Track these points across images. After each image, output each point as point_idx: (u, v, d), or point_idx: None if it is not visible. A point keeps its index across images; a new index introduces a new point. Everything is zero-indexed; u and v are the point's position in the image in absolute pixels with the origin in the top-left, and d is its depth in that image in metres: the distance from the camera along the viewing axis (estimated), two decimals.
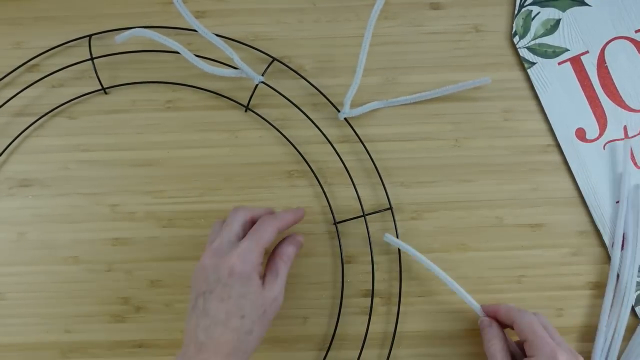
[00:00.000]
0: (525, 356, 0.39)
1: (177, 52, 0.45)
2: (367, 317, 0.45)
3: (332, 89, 0.48)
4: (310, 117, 0.47)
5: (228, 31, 0.48)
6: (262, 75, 0.47)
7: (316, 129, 0.47)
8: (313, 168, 0.47)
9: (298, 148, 0.47)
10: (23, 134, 0.47)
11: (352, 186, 0.46)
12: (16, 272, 0.46)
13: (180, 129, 0.48)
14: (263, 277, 0.38)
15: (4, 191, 0.47)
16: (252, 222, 0.40)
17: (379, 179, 0.47)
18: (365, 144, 0.47)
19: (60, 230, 0.47)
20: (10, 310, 0.46)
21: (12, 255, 0.47)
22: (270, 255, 0.41)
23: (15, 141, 0.47)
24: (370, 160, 0.47)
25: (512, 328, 0.41)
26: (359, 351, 0.45)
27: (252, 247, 0.37)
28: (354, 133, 0.47)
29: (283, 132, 0.47)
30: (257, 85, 0.47)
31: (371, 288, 0.45)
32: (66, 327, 0.46)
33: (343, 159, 0.47)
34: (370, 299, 0.45)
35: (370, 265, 0.45)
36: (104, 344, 0.46)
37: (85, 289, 0.46)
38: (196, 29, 0.44)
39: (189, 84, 0.48)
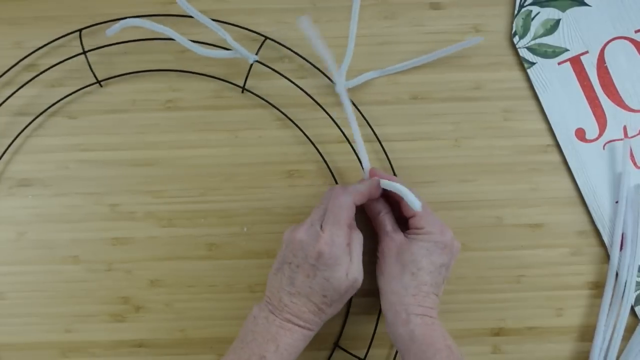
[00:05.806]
0: (407, 227, 0.42)
1: (172, 39, 0.45)
2: (376, 317, 0.46)
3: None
4: (307, 95, 0.47)
5: (228, 30, 0.48)
6: (256, 54, 0.47)
7: (313, 110, 0.47)
8: (314, 142, 0.47)
9: (297, 123, 0.47)
10: (23, 134, 0.47)
11: (354, 154, 0.46)
12: (16, 271, 0.46)
13: (180, 129, 0.48)
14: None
15: (4, 191, 0.47)
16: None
17: (381, 148, 0.47)
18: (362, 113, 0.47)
19: (60, 230, 0.47)
20: (10, 310, 0.46)
21: (12, 255, 0.47)
22: None
23: (15, 141, 0.47)
24: (370, 128, 0.47)
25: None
26: (366, 350, 0.45)
27: (336, 230, 0.39)
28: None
29: (283, 111, 0.47)
30: (251, 65, 0.47)
31: None
32: (66, 327, 0.46)
33: (342, 129, 0.47)
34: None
35: None
36: (104, 344, 0.46)
37: (85, 289, 0.46)
38: (189, 13, 0.44)
39: (184, 69, 0.48)
